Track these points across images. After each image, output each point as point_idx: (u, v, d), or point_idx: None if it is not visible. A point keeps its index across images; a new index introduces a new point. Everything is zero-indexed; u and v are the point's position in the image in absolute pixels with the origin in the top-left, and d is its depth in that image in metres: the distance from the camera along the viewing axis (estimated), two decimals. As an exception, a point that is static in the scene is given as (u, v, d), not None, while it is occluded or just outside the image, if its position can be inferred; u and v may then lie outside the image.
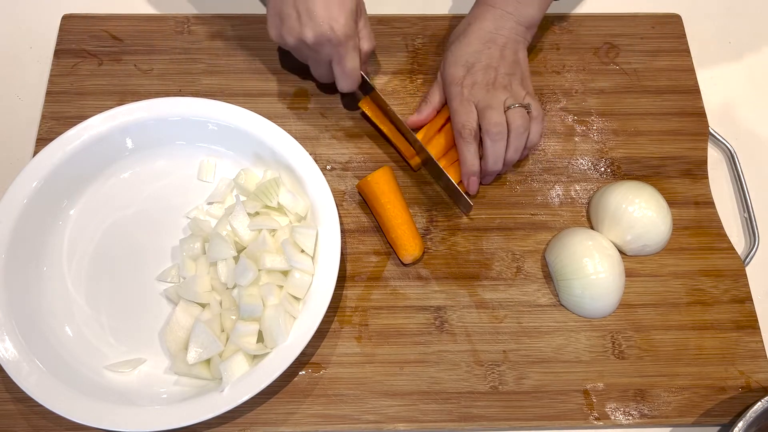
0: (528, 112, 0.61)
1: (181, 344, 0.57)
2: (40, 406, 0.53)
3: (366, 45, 0.63)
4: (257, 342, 0.56)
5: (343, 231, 0.64)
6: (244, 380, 0.54)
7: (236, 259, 0.59)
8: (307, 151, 0.62)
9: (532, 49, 0.73)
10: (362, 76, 0.63)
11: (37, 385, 0.53)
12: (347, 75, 0.61)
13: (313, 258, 0.59)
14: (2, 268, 0.56)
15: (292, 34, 0.59)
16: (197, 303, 0.59)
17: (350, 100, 0.69)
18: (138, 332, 0.60)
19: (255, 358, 0.56)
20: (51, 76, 0.70)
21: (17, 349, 0.54)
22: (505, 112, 0.60)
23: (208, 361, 0.56)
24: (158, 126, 0.63)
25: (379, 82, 0.71)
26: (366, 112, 0.67)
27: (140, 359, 0.58)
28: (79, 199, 0.63)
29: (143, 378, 0.58)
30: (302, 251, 0.58)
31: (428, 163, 0.65)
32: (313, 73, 0.65)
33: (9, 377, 0.53)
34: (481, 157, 0.62)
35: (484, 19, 0.62)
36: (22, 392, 0.53)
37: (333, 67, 0.61)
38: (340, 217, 0.62)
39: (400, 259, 0.62)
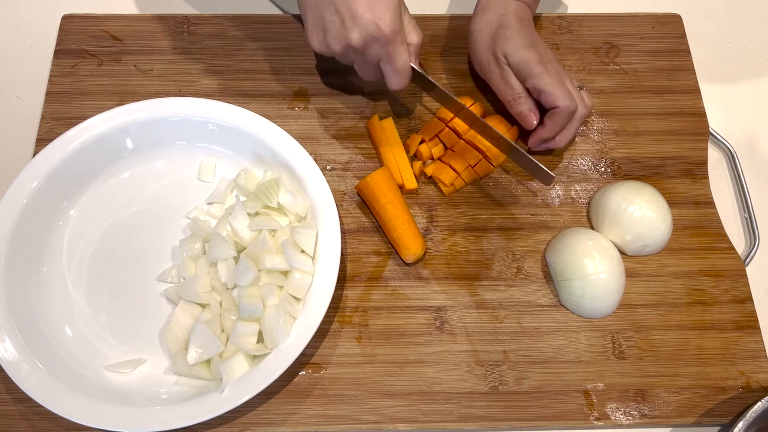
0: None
1: (181, 344, 0.57)
2: (40, 406, 0.53)
3: (414, 38, 0.62)
4: (257, 342, 0.56)
5: (343, 231, 0.64)
6: (244, 380, 0.54)
7: (236, 259, 0.59)
8: (307, 151, 0.62)
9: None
10: (415, 70, 0.62)
11: (37, 385, 0.53)
12: (398, 72, 0.59)
13: (313, 258, 0.59)
14: (2, 268, 0.56)
15: (338, 41, 0.57)
16: (197, 303, 0.59)
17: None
18: (138, 332, 0.59)
19: (255, 358, 0.56)
20: (51, 76, 0.70)
21: (17, 349, 0.54)
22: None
23: (208, 362, 0.56)
24: (158, 126, 0.63)
25: (379, 81, 0.71)
26: (370, 132, 0.68)
27: (140, 359, 0.58)
28: (79, 199, 0.63)
29: (143, 378, 0.58)
30: (302, 251, 0.58)
31: (512, 151, 0.64)
32: (359, 74, 0.63)
33: (9, 377, 0.53)
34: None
35: (514, 10, 0.64)
36: (22, 393, 0.53)
37: (382, 66, 0.59)
38: (340, 217, 0.62)
39: (401, 259, 0.62)
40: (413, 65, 0.61)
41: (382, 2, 0.55)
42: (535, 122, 0.63)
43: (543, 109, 0.63)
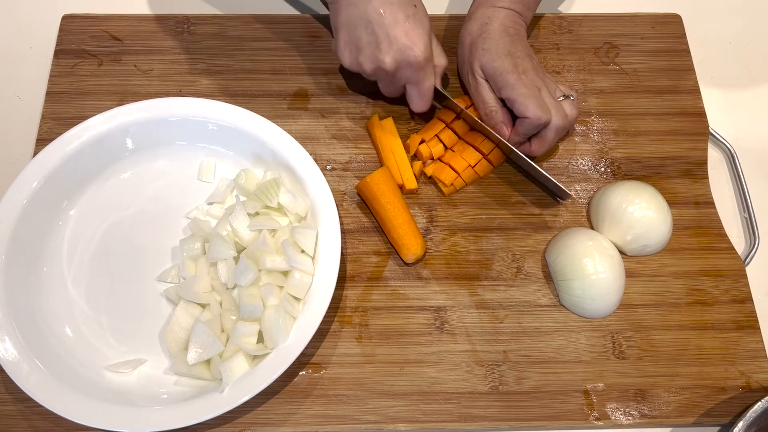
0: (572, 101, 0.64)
1: (181, 344, 0.57)
2: (40, 406, 0.53)
3: (441, 61, 0.64)
4: (257, 342, 0.56)
5: (343, 231, 0.64)
6: (245, 380, 0.54)
7: (236, 259, 0.59)
8: (307, 151, 0.62)
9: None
10: (437, 91, 0.64)
11: (37, 385, 0.53)
12: (423, 96, 0.62)
13: (313, 258, 0.59)
14: (2, 268, 0.56)
15: (371, 62, 0.59)
16: (197, 303, 0.59)
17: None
18: (138, 332, 0.59)
19: (255, 358, 0.56)
20: (51, 76, 0.70)
21: (17, 350, 0.54)
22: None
23: (208, 362, 0.56)
24: (158, 126, 0.63)
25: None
26: (370, 132, 0.68)
27: (140, 360, 0.58)
28: (79, 199, 0.63)
29: (143, 378, 0.58)
30: (302, 251, 0.58)
31: (521, 161, 0.65)
32: (381, 90, 0.65)
33: (9, 377, 0.53)
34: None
35: (499, 18, 0.63)
36: (23, 393, 0.53)
37: (408, 89, 0.62)
38: (340, 217, 0.62)
39: (401, 259, 0.62)
40: (436, 86, 0.62)
41: (417, 28, 0.57)
42: (508, 133, 0.63)
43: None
